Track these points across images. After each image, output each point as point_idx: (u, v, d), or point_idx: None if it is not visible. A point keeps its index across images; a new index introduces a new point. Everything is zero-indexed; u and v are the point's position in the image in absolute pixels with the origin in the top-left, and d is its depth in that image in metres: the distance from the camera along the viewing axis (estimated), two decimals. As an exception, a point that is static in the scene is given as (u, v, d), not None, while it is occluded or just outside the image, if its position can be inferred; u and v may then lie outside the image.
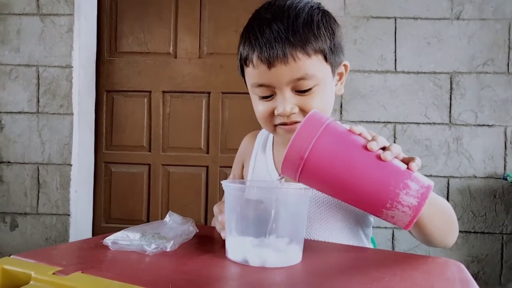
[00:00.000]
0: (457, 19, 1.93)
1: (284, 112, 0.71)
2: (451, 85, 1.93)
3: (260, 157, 0.89)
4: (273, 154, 0.88)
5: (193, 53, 2.19)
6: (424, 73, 1.94)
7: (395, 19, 1.95)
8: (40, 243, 2.05)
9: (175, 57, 2.20)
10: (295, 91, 0.72)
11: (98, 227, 2.20)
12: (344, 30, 2.11)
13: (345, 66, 0.81)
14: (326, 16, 0.76)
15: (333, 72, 0.76)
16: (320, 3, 0.79)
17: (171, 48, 2.20)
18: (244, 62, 0.75)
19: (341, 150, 0.53)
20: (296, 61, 0.69)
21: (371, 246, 0.89)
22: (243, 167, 0.96)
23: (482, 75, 1.92)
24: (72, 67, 2.06)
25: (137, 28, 2.21)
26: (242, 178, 0.95)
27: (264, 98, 0.74)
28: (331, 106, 0.78)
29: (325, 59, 0.73)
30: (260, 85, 0.73)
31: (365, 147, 0.53)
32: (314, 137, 0.52)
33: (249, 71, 0.74)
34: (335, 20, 0.79)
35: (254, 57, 0.71)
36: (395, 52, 1.95)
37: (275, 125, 0.76)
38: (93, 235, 2.19)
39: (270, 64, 0.69)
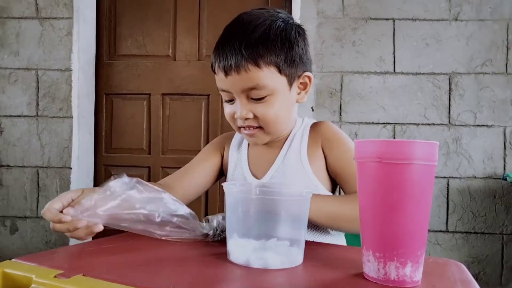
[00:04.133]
0: (455, 20, 1.93)
1: (240, 116, 0.80)
2: (450, 85, 1.94)
3: (235, 154, 0.96)
4: (248, 152, 0.94)
5: (192, 55, 2.19)
6: (423, 74, 1.94)
7: (394, 21, 1.96)
8: (40, 247, 2.05)
9: (174, 59, 2.20)
10: (250, 98, 0.79)
11: (98, 230, 2.20)
12: (343, 31, 2.11)
13: (309, 77, 0.85)
14: (287, 31, 0.80)
15: (290, 83, 0.82)
16: (290, 17, 0.84)
17: (170, 51, 2.20)
18: (212, 69, 0.84)
19: None
20: (247, 72, 0.76)
21: (342, 236, 0.91)
22: (221, 154, 0.99)
23: (481, 76, 1.92)
24: (72, 70, 2.06)
25: (136, 31, 2.21)
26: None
27: (228, 101, 0.84)
28: (288, 114, 0.86)
29: (279, 71, 0.79)
30: (222, 90, 0.82)
31: None
32: None
33: (216, 77, 0.83)
34: (299, 34, 0.83)
35: (216, 66, 0.81)
36: (393, 53, 1.96)
37: (239, 127, 0.85)
38: (93, 238, 2.19)
39: (226, 72, 0.78)
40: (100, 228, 0.64)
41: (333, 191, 0.89)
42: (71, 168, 2.06)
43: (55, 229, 0.65)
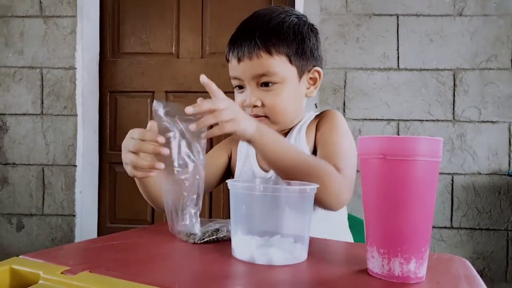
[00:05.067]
0: (460, 15, 1.92)
1: (248, 104, 0.83)
2: (454, 81, 1.93)
3: (245, 147, 0.97)
4: None
5: (195, 52, 2.19)
6: (427, 70, 1.93)
7: (397, 16, 1.95)
8: (46, 244, 2.07)
9: (178, 57, 2.20)
10: (260, 86, 0.83)
11: (103, 227, 2.22)
12: (346, 28, 2.10)
13: (318, 72, 0.89)
14: (299, 26, 0.85)
15: (300, 75, 0.86)
16: (304, 15, 0.88)
17: (173, 48, 2.20)
18: (226, 59, 0.88)
19: None
20: (259, 58, 0.81)
21: (349, 233, 0.91)
22: (228, 156, 1.00)
23: (486, 71, 1.91)
24: (76, 68, 2.07)
25: (139, 29, 2.21)
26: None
27: (239, 89, 0.87)
28: (295, 106, 0.88)
29: (290, 61, 0.83)
30: (234, 78, 0.86)
31: None
32: None
33: (229, 65, 0.87)
34: (311, 31, 0.87)
35: (230, 54, 0.85)
36: (397, 49, 1.95)
37: None
38: (98, 235, 2.20)
39: (239, 59, 0.82)
40: (167, 152, 0.68)
41: None
42: (76, 166, 2.07)
43: (141, 149, 0.73)
